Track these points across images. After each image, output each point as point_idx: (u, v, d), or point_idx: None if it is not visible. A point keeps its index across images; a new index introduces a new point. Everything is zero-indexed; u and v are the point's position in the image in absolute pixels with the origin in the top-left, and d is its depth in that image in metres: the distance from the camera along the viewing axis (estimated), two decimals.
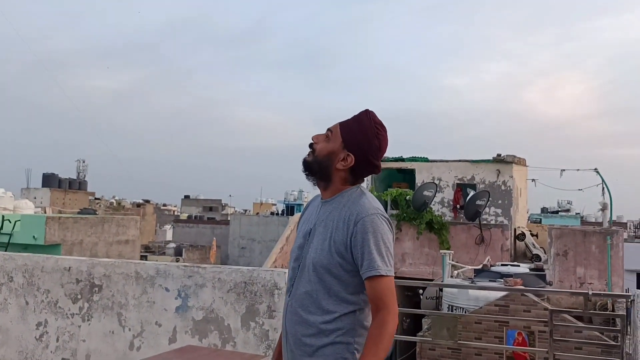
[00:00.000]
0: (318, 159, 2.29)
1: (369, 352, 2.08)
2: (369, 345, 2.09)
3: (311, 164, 2.31)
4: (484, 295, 11.47)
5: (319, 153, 2.29)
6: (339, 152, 2.26)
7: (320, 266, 2.20)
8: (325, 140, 2.30)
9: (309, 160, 2.31)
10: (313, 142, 2.32)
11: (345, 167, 2.27)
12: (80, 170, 66.99)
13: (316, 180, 2.34)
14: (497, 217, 19.11)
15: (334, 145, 2.27)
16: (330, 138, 2.29)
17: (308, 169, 2.32)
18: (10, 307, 5.06)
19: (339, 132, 2.29)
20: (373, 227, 2.15)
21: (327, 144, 2.28)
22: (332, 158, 2.27)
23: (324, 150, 2.28)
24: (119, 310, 4.75)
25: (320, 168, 2.29)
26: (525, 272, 14.47)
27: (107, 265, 4.87)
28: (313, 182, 2.36)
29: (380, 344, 2.08)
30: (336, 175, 2.29)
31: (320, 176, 2.31)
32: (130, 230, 23.02)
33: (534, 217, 42.27)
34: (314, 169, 2.31)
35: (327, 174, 2.29)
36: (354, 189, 2.30)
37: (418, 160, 20.75)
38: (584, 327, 9.17)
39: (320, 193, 2.40)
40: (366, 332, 2.19)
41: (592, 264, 15.17)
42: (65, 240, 19.32)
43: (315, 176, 2.33)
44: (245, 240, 45.78)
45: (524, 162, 21.24)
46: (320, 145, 2.30)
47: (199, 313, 4.54)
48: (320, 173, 2.30)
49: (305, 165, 2.33)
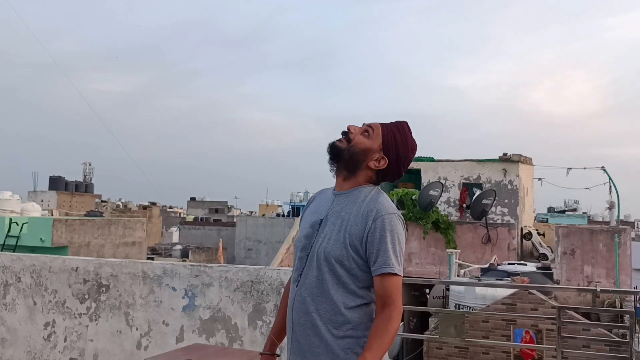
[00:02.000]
0: (353, 150, 2.28)
1: (374, 344, 2.08)
2: (375, 338, 2.09)
3: (342, 151, 2.29)
4: (490, 293, 11.44)
5: (355, 144, 2.28)
6: (375, 152, 2.29)
7: (333, 257, 2.20)
8: (363, 134, 2.30)
9: (342, 147, 2.30)
10: (349, 131, 2.31)
11: (377, 167, 2.30)
12: (86, 173, 67.28)
13: (338, 168, 2.33)
14: (504, 216, 19.07)
15: (373, 144, 2.29)
16: (371, 135, 2.30)
17: (337, 154, 2.31)
18: (18, 308, 5.08)
19: (381, 133, 2.30)
20: (391, 226, 2.17)
21: (367, 140, 2.29)
22: (367, 155, 2.29)
23: (361, 145, 2.28)
24: (126, 310, 4.76)
25: (350, 158, 2.29)
26: (532, 271, 14.44)
27: (114, 265, 4.88)
28: (333, 169, 2.35)
29: (386, 338, 2.09)
30: (363, 172, 2.30)
31: (346, 166, 2.30)
32: (137, 232, 23.08)
33: (540, 216, 42.14)
34: (344, 156, 2.30)
35: (356, 167, 2.30)
36: (371, 187, 2.32)
37: (424, 160, 20.73)
38: (592, 325, 9.13)
39: (335, 184, 2.39)
40: None
41: (599, 263, 15.10)
42: (72, 243, 19.38)
43: (341, 164, 2.31)
44: (252, 241, 45.83)
45: (530, 161, 21.19)
46: (359, 137, 2.29)
47: (206, 312, 4.55)
48: (348, 163, 2.30)
49: (335, 149, 2.31)
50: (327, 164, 2.36)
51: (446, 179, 20.00)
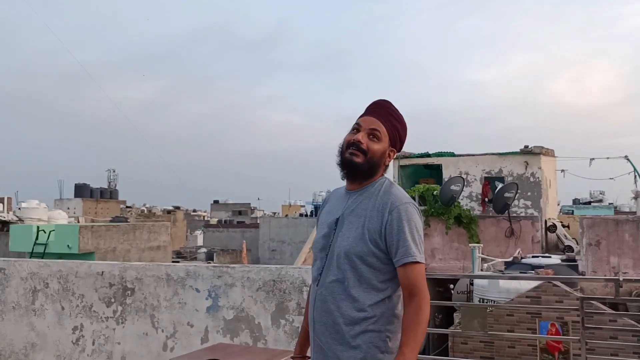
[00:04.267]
0: (373, 160, 2.30)
1: (410, 336, 2.11)
2: (409, 330, 2.12)
3: (362, 165, 2.30)
4: (514, 287, 11.36)
5: (373, 155, 2.30)
6: (387, 150, 2.34)
7: (354, 254, 2.22)
8: (372, 140, 2.31)
9: (360, 163, 2.30)
10: (361, 143, 2.30)
11: (390, 161, 2.37)
12: (110, 179, 68.21)
13: (357, 178, 2.34)
14: (527, 209, 18.90)
15: (385, 145, 2.33)
16: (380, 138, 2.31)
17: (357, 170, 2.31)
18: (47, 313, 5.21)
19: (385, 131, 2.33)
20: (407, 215, 2.21)
21: (380, 145, 2.32)
22: (384, 157, 2.34)
23: (378, 152, 2.31)
24: (151, 312, 4.85)
25: (371, 168, 2.32)
26: (557, 263, 14.29)
27: (139, 268, 4.97)
28: (351, 179, 2.36)
29: (419, 327, 2.11)
30: (380, 170, 2.35)
31: (368, 175, 2.33)
32: (162, 236, 23.33)
33: (566, 208, 41.63)
34: (365, 169, 2.31)
35: (376, 171, 2.34)
36: (382, 179, 2.36)
37: (444, 155, 20.64)
38: (617, 315, 9.03)
39: (345, 185, 2.41)
40: (397, 320, 2.22)
41: (626, 253, 14.89)
42: (99, 248, 19.68)
43: (363, 175, 2.33)
44: (275, 242, 45.96)
45: (553, 152, 20.96)
46: (373, 146, 2.30)
47: (229, 312, 4.62)
48: (369, 172, 2.32)
49: (356, 167, 2.31)
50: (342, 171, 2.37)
51: (467, 173, 19.89)
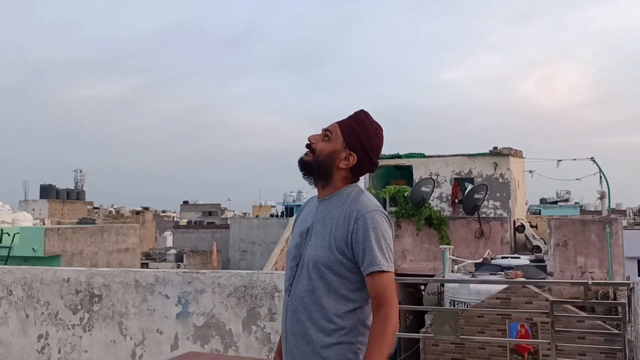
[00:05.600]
0: (319, 158, 2.30)
1: (374, 348, 2.07)
2: (374, 342, 2.08)
3: (310, 163, 2.32)
4: (485, 288, 11.47)
5: (320, 153, 2.30)
6: (340, 151, 2.30)
7: (322, 263, 2.20)
8: (324, 140, 2.32)
9: (308, 160, 2.33)
10: (311, 143, 2.33)
11: (347, 166, 2.30)
12: (77, 180, 66.99)
13: (314, 179, 2.36)
14: (496, 210, 19.14)
15: (336, 145, 2.30)
16: (331, 138, 2.31)
17: (306, 168, 2.34)
18: (10, 321, 5.06)
19: (340, 132, 2.31)
20: (374, 223, 2.17)
21: (328, 144, 2.31)
22: (334, 157, 2.30)
23: (325, 150, 2.30)
24: (119, 319, 4.74)
25: (320, 167, 2.31)
26: (526, 264, 14.49)
27: (106, 274, 4.86)
28: (310, 181, 2.38)
29: (384, 340, 2.08)
30: (337, 174, 2.31)
31: (319, 175, 2.33)
32: (130, 238, 23.00)
33: (533, 208, 42.29)
34: (313, 168, 2.32)
35: (328, 173, 2.31)
36: (352, 187, 2.33)
37: (415, 157, 20.78)
38: (585, 317, 9.17)
39: (317, 193, 2.41)
40: (368, 331, 2.18)
41: (592, 253, 15.18)
42: (65, 251, 19.30)
43: (314, 175, 2.34)
44: (246, 243, 45.73)
45: (521, 154, 21.27)
46: (321, 145, 2.31)
47: (200, 319, 4.54)
48: (320, 172, 2.32)
49: (304, 164, 2.34)
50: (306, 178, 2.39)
51: (438, 174, 20.06)
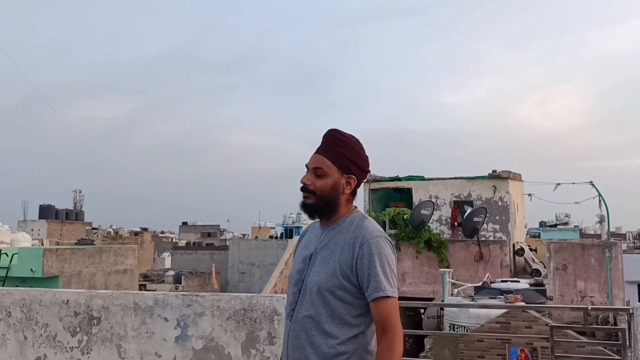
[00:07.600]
0: (324, 196, 2.30)
1: None
2: None
3: (315, 205, 2.32)
4: (485, 312, 11.42)
5: (322, 191, 2.30)
6: (340, 180, 2.30)
7: (325, 289, 2.20)
8: (319, 178, 2.31)
9: (312, 203, 2.32)
10: (307, 185, 2.32)
11: (351, 189, 2.33)
12: (76, 200, 66.99)
13: (321, 216, 2.36)
14: (495, 233, 19.13)
15: (334, 177, 2.30)
16: (325, 172, 2.30)
17: (313, 210, 2.34)
18: (8, 343, 5.03)
19: (329, 162, 2.31)
20: (378, 249, 2.19)
21: (327, 179, 2.30)
22: (337, 189, 2.31)
23: (326, 187, 2.30)
24: (118, 342, 4.72)
25: (327, 204, 2.31)
26: (526, 288, 14.43)
27: (105, 297, 4.85)
28: (317, 218, 2.38)
29: None
30: (342, 201, 2.33)
31: (326, 211, 2.33)
32: (128, 259, 22.91)
33: (532, 231, 42.28)
34: (320, 208, 2.32)
35: (335, 204, 2.32)
36: (355, 213, 2.35)
37: (414, 179, 20.82)
38: (586, 342, 9.12)
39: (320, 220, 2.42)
40: (370, 357, 2.19)
41: (592, 277, 15.14)
42: (64, 272, 19.21)
43: (320, 214, 2.35)
44: (245, 265, 45.59)
45: (520, 177, 21.32)
46: (319, 183, 2.30)
47: (198, 342, 4.52)
48: (327, 208, 2.32)
49: (311, 208, 2.33)
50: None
51: (437, 197, 20.08)
